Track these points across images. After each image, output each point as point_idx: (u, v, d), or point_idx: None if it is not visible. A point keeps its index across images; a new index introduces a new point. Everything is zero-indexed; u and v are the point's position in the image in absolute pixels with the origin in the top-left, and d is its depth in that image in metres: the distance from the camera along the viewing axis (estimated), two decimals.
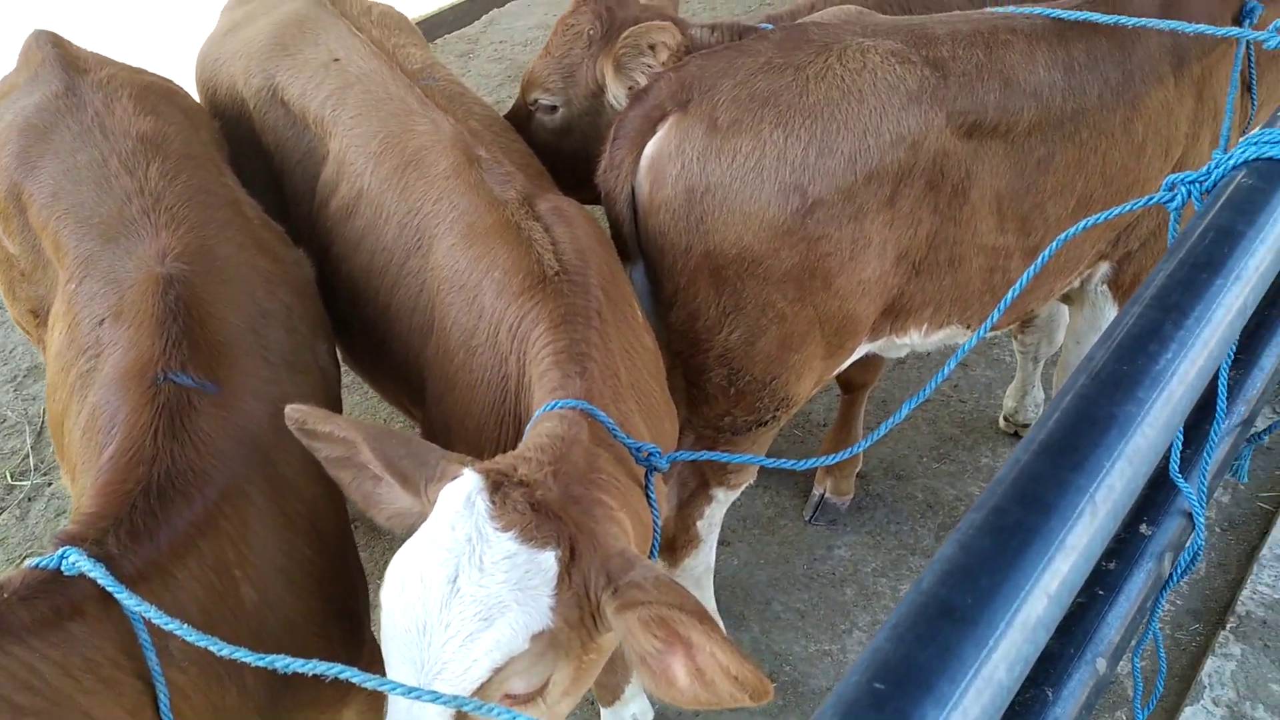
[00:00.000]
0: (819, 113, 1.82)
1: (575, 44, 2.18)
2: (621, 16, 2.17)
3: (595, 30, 2.16)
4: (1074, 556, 0.91)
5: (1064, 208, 2.02)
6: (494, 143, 1.89)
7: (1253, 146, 1.35)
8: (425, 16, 5.41)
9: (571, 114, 2.21)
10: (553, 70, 2.21)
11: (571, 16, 2.21)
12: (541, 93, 2.23)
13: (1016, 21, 1.98)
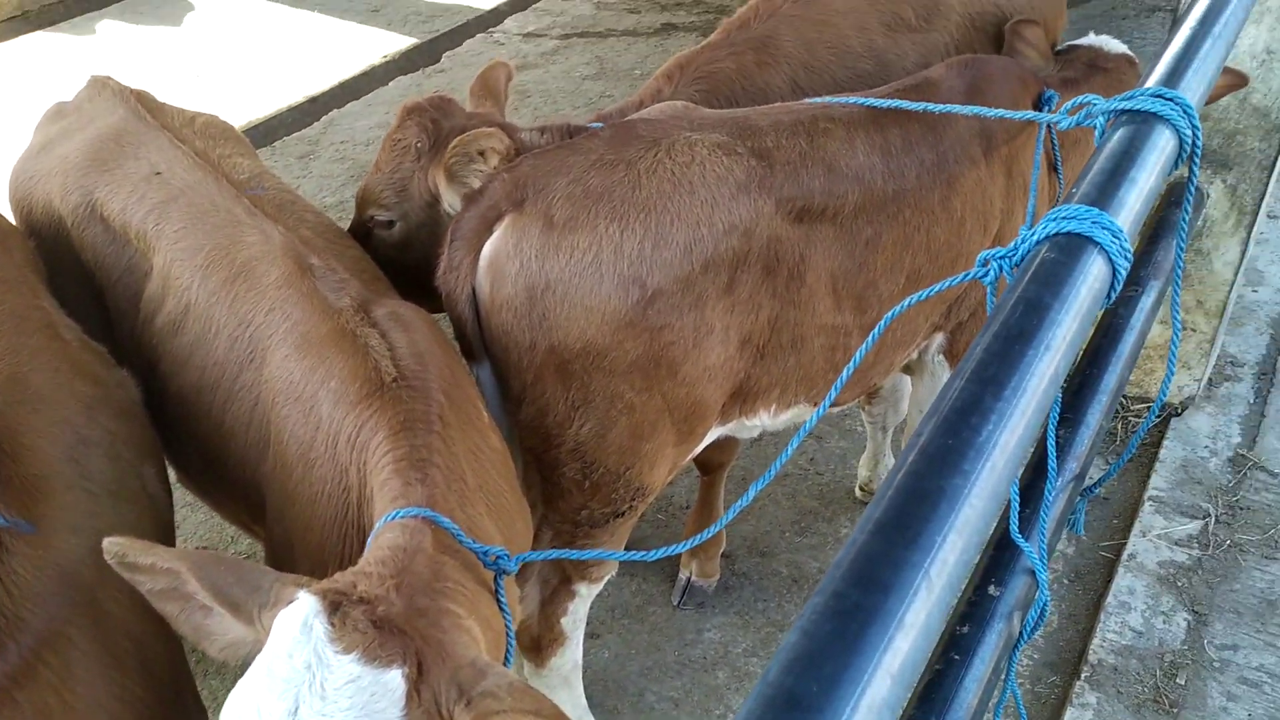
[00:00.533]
0: (652, 206, 1.86)
1: (404, 158, 2.18)
2: (448, 126, 2.18)
3: (422, 143, 2.17)
4: (914, 634, 0.92)
5: (895, 284, 2.11)
6: (327, 250, 1.87)
7: (1053, 223, 1.43)
8: (263, 119, 5.35)
9: (409, 227, 2.19)
10: (385, 186, 2.19)
11: (398, 131, 2.21)
12: (376, 209, 2.22)
13: (834, 111, 2.08)
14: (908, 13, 2.59)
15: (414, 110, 2.21)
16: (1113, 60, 2.53)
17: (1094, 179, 1.55)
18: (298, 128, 5.38)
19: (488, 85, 2.41)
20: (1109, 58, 2.54)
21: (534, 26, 6.40)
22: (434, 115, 2.20)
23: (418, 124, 2.18)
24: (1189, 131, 1.70)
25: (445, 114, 2.21)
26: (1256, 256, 4.05)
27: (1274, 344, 3.69)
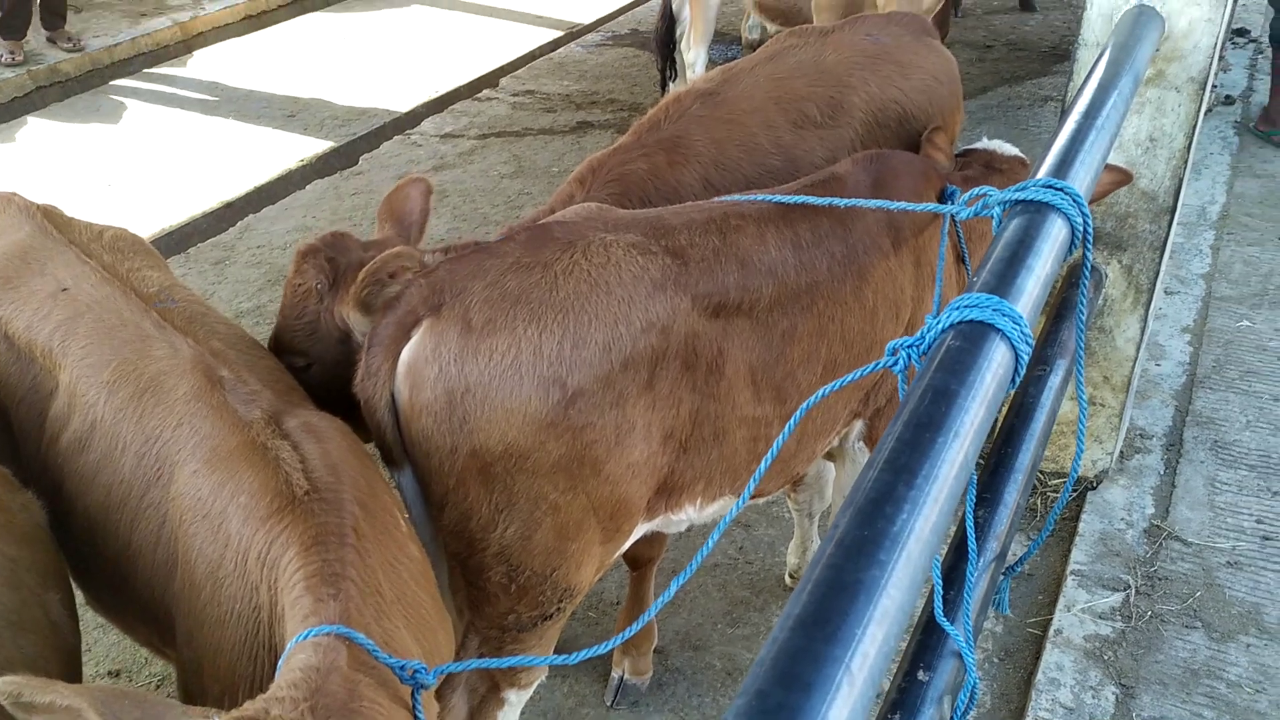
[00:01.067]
0: (570, 307, 1.87)
1: (307, 301, 2.14)
2: (345, 262, 2.15)
3: (322, 284, 2.14)
4: None
5: (813, 374, 2.15)
6: (238, 361, 1.84)
7: (956, 311, 1.48)
8: (178, 226, 5.30)
9: (326, 367, 2.15)
10: (293, 333, 2.15)
11: (296, 276, 2.17)
12: (290, 356, 2.17)
13: (745, 208, 2.13)
14: (813, 110, 2.68)
15: (309, 253, 2.17)
16: (1007, 161, 2.66)
17: (993, 267, 1.61)
18: (213, 233, 5.34)
19: (393, 208, 2.36)
20: (1004, 159, 2.66)
21: (451, 127, 6.48)
22: (329, 254, 2.17)
23: (314, 266, 2.15)
24: (1079, 218, 1.78)
25: (340, 250, 2.19)
26: (1157, 331, 4.21)
27: (1179, 415, 3.81)
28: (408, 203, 2.36)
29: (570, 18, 8.24)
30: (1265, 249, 4.83)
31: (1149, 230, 3.09)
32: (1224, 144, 5.78)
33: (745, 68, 2.77)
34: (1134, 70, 2.38)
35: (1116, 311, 3.25)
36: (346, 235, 2.27)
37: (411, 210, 2.35)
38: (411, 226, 2.33)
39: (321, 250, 2.20)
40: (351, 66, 7.33)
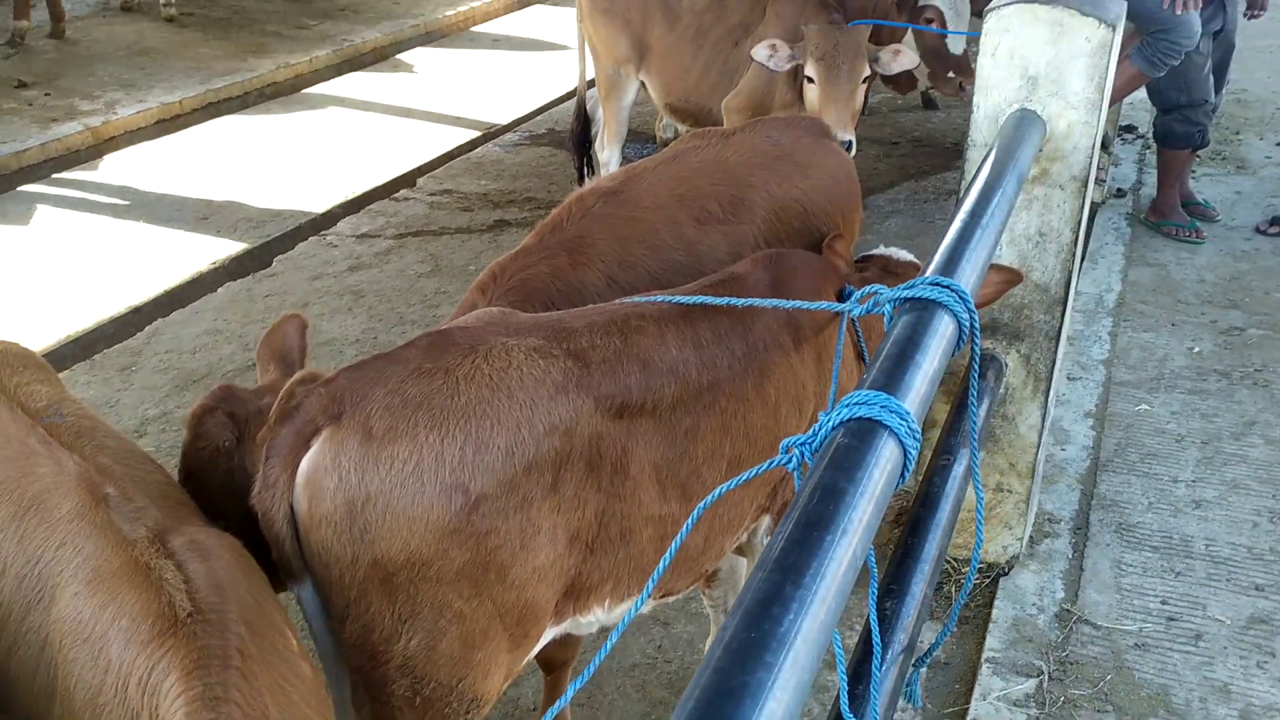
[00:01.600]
0: (472, 411, 1.87)
1: (217, 462, 2.09)
2: (243, 413, 2.12)
3: (229, 440, 2.10)
4: None
5: (718, 471, 2.17)
6: (125, 477, 1.80)
7: (846, 408, 1.51)
8: (82, 332, 5.20)
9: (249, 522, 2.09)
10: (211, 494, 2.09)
11: (198, 440, 2.12)
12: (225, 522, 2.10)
13: (646, 309, 2.17)
14: (715, 207, 2.75)
15: (205, 413, 2.13)
16: (902, 265, 2.76)
17: (882, 365, 1.66)
18: (120, 339, 5.23)
19: (273, 348, 2.34)
20: (899, 264, 2.77)
21: (368, 227, 6.49)
22: (226, 409, 2.13)
23: (215, 424, 2.11)
24: (965, 314, 1.84)
25: (235, 402, 2.15)
26: (1061, 416, 4.33)
27: (1085, 499, 3.90)
28: (286, 340, 2.35)
29: (488, 118, 8.37)
30: (1159, 335, 5.03)
31: (1044, 320, 3.20)
32: (1118, 234, 6.04)
33: (648, 167, 2.85)
34: (1017, 170, 2.50)
35: (1018, 399, 3.35)
36: (234, 387, 2.23)
37: (291, 348, 2.34)
38: (293, 365, 2.31)
39: (217, 406, 2.15)
40: (267, 168, 7.33)
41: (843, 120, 4.33)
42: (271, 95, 8.81)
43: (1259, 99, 8.27)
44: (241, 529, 2.02)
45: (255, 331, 5.25)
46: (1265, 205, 6.39)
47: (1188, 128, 5.74)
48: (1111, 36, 2.79)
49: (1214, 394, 4.55)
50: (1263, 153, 7.26)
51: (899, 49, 4.57)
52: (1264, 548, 3.66)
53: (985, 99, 2.91)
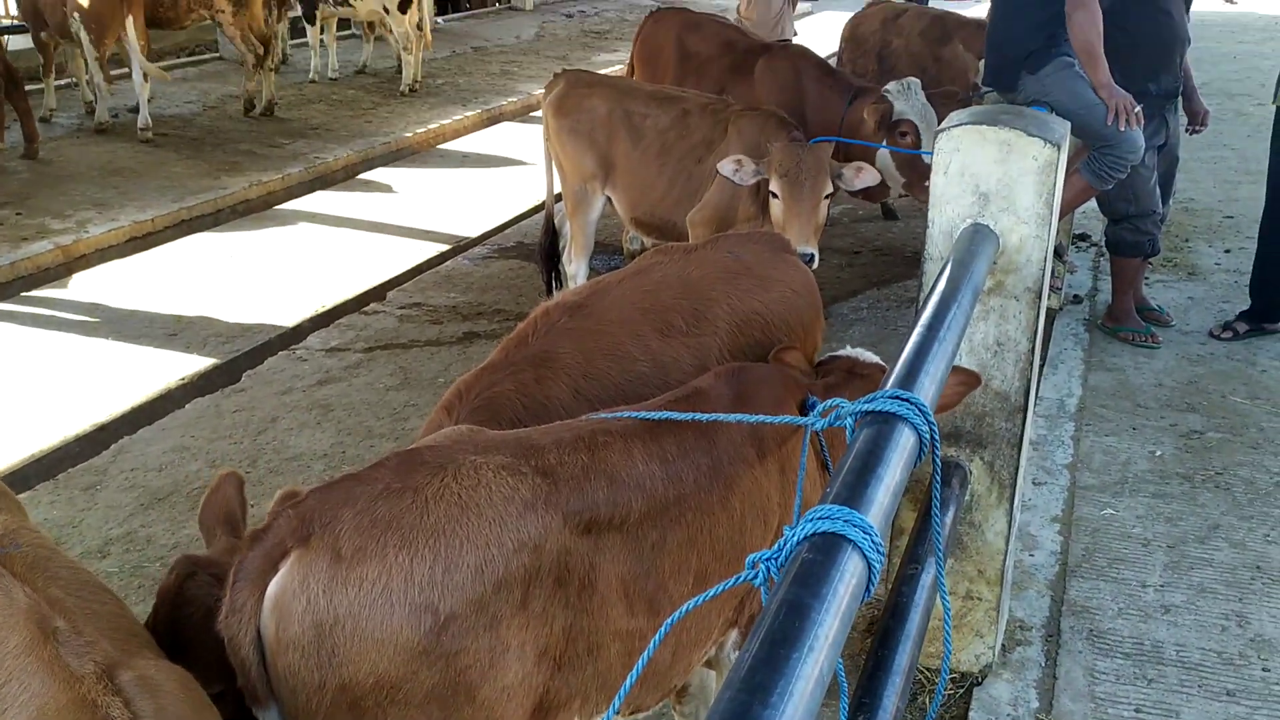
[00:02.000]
0: (441, 530, 1.88)
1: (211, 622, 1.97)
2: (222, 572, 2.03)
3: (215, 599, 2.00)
4: None
5: (685, 585, 2.18)
6: (77, 609, 1.78)
7: (810, 523, 1.53)
8: (46, 451, 5.15)
9: None
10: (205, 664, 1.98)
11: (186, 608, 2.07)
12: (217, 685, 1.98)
13: (612, 425, 2.20)
14: (678, 320, 2.82)
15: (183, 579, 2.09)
16: (868, 368, 2.81)
17: (845, 479, 1.69)
18: (85, 457, 5.18)
19: (215, 512, 2.30)
20: (865, 365, 2.82)
21: (337, 341, 6.52)
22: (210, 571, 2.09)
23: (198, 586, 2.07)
24: (925, 427, 1.88)
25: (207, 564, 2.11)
26: (1028, 522, 4.37)
27: (1055, 605, 3.91)
28: (227, 502, 2.31)
29: (457, 232, 8.50)
30: (1121, 439, 5.11)
31: (1005, 428, 3.26)
32: (1076, 340, 6.17)
33: (613, 281, 2.91)
34: (973, 283, 2.58)
35: (983, 506, 3.38)
36: (197, 555, 2.19)
37: (233, 509, 2.31)
38: (238, 524, 2.29)
39: (198, 571, 2.11)
40: (237, 284, 7.38)
41: (805, 234, 4.46)
42: (244, 212, 8.92)
43: (1206, 208, 8.57)
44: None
45: (223, 448, 5.23)
46: (1217, 310, 6.57)
47: (1138, 237, 5.94)
48: (1057, 155, 2.91)
49: (1177, 498, 4.61)
50: (1212, 259, 7.50)
51: (862, 166, 4.73)
52: (1233, 652, 3.67)
53: (940, 214, 3.02)
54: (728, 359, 2.73)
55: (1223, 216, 8.38)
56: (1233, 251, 7.61)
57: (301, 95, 12.37)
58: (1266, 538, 4.31)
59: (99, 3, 9.44)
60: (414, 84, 12.72)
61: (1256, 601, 3.92)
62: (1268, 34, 17.63)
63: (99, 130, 10.16)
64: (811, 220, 4.52)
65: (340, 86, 12.93)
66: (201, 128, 10.73)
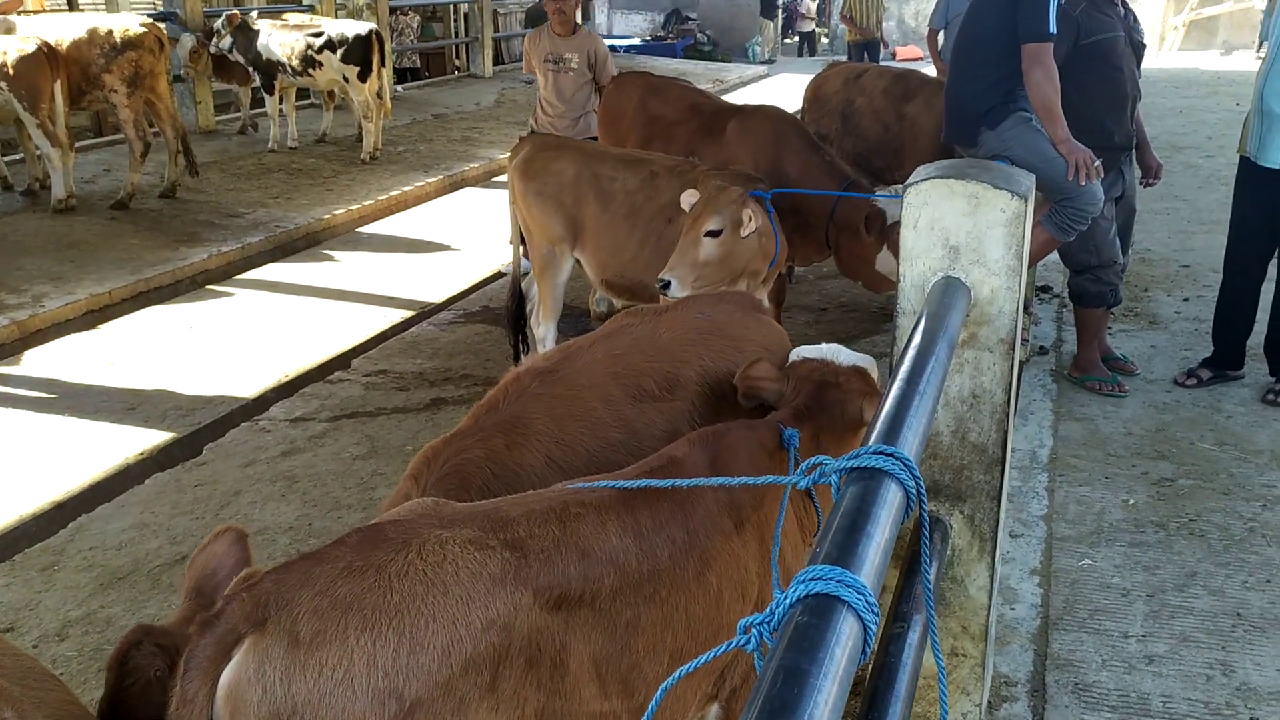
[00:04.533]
0: (405, 611, 1.79)
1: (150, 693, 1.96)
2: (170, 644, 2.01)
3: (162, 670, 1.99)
4: None
5: (660, 664, 2.09)
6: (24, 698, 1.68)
7: (802, 585, 1.47)
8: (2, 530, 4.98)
9: None
10: None
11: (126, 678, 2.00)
12: None
13: (585, 495, 2.12)
14: (650, 385, 2.75)
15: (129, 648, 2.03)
16: (843, 374, 2.70)
17: (834, 538, 1.62)
18: (42, 537, 5.02)
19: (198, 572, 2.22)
20: (839, 371, 2.71)
21: (301, 411, 6.40)
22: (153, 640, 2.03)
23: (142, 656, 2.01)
24: (911, 482, 1.83)
25: (158, 634, 2.05)
26: (1008, 575, 4.31)
27: (1039, 659, 3.84)
28: (215, 561, 2.22)
29: (422, 298, 8.44)
30: (1094, 488, 5.08)
31: (984, 480, 3.21)
32: (1045, 391, 6.18)
33: (584, 345, 2.85)
34: (948, 336, 2.54)
35: (965, 561, 3.31)
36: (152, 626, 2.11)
37: (219, 569, 2.20)
38: (217, 589, 2.16)
39: (144, 640, 2.04)
40: (197, 355, 7.26)
41: (674, 261, 4.42)
42: (204, 283, 8.82)
43: (1162, 258, 8.69)
44: None
45: (184, 524, 5.08)
46: (1180, 358, 6.62)
47: (1100, 287, 5.98)
48: (1024, 208, 2.90)
49: (1153, 546, 4.58)
50: (1172, 308, 7.57)
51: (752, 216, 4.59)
52: (1220, 702, 3.61)
53: (911, 268, 2.99)
54: (701, 423, 2.67)
55: (1179, 265, 8.49)
56: (1191, 300, 7.69)
57: (261, 164, 12.33)
58: (1244, 584, 4.28)
59: (24, 65, 9.13)
60: (375, 151, 12.72)
61: (1239, 649, 3.88)
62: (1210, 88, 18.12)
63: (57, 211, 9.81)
64: (686, 251, 4.46)
65: (300, 155, 12.90)
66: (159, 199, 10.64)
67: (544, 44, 7.95)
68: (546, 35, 7.95)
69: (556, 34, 7.91)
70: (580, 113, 8.06)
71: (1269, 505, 4.87)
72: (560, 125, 7.97)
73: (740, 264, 4.63)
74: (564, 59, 7.89)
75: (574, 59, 7.88)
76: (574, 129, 7.94)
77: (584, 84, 8.03)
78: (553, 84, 7.95)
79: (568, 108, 8.00)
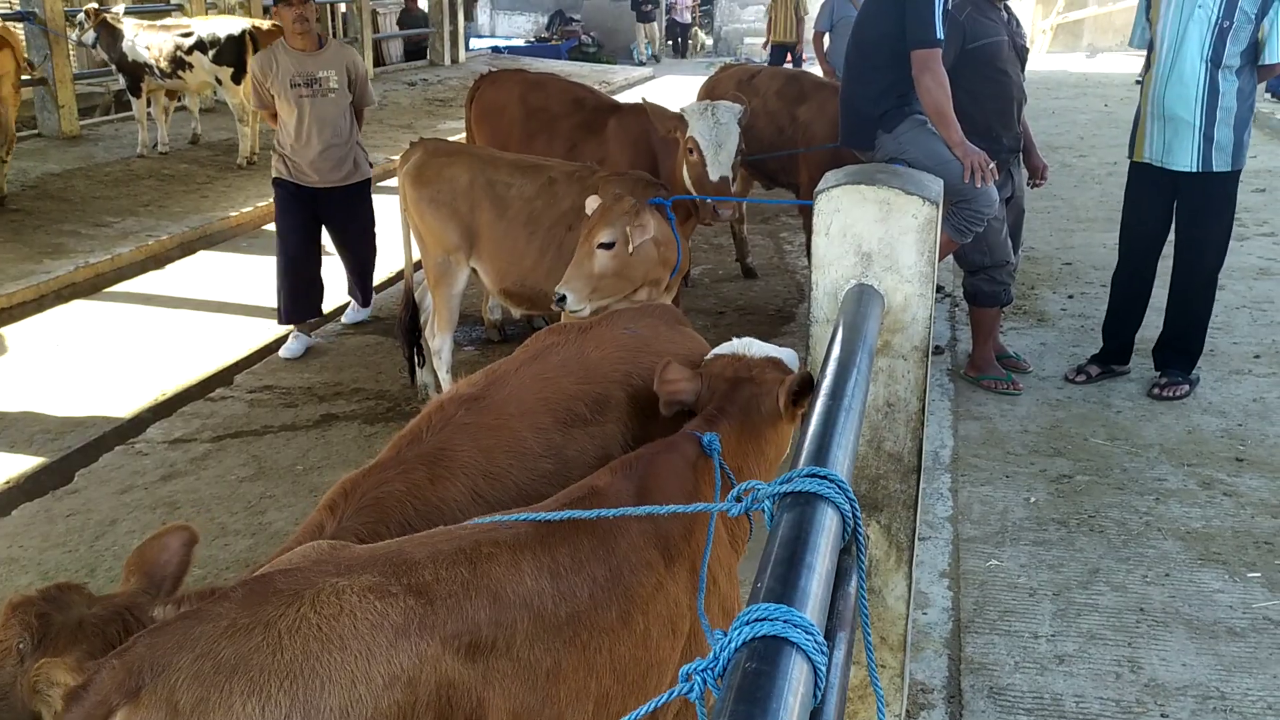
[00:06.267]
0: (298, 671, 1.62)
1: (5, 661, 1.87)
2: (60, 620, 1.90)
3: (25, 644, 1.87)
4: None
5: (584, 713, 1.95)
6: None
7: (746, 627, 1.36)
8: None
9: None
10: None
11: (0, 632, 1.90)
12: None
13: (499, 533, 1.97)
14: (580, 408, 2.61)
15: (19, 606, 1.92)
16: (756, 366, 2.61)
17: (774, 571, 1.51)
18: None
19: (145, 558, 2.11)
20: (752, 364, 2.62)
21: (181, 432, 6.05)
22: (42, 609, 1.91)
23: (21, 622, 1.89)
24: (847, 505, 1.73)
25: (59, 605, 1.92)
26: (918, 579, 4.28)
27: (953, 664, 3.82)
28: (164, 553, 2.11)
29: None
30: (996, 488, 5.12)
31: (900, 489, 3.16)
32: (942, 391, 6.23)
33: (510, 369, 2.69)
34: (867, 345, 2.46)
35: (882, 571, 3.26)
36: (72, 588, 1.99)
37: (168, 561, 2.09)
38: (165, 580, 2.07)
39: (35, 604, 1.92)
40: (65, 374, 6.82)
41: (569, 274, 4.32)
42: (69, 297, 8.31)
43: (1046, 256, 8.91)
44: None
45: (55, 557, 4.72)
46: (1069, 354, 6.76)
47: (994, 287, 6.05)
48: (935, 213, 2.85)
49: (1056, 544, 4.62)
50: (1058, 305, 7.75)
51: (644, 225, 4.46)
52: (1130, 699, 3.64)
53: (824, 276, 2.91)
54: (634, 444, 2.52)
55: (1062, 263, 8.71)
56: (1075, 297, 7.89)
57: (130, 171, 11.73)
58: (1145, 579, 4.35)
59: None
60: (252, 156, 12.22)
61: (1145, 645, 3.93)
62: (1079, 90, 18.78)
63: None
64: (581, 263, 4.35)
65: (172, 161, 12.32)
66: (20, 209, 10.02)
67: (284, 65, 6.50)
68: (284, 54, 6.52)
69: (298, 49, 6.53)
70: (348, 149, 6.78)
71: (1162, 499, 4.97)
72: (324, 167, 6.73)
73: (638, 274, 4.51)
74: (319, 79, 6.52)
75: (331, 77, 6.55)
76: (339, 171, 6.81)
77: (346, 109, 6.72)
78: (311, 112, 6.54)
79: (333, 139, 6.66)
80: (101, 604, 1.94)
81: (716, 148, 5.32)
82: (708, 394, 2.60)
